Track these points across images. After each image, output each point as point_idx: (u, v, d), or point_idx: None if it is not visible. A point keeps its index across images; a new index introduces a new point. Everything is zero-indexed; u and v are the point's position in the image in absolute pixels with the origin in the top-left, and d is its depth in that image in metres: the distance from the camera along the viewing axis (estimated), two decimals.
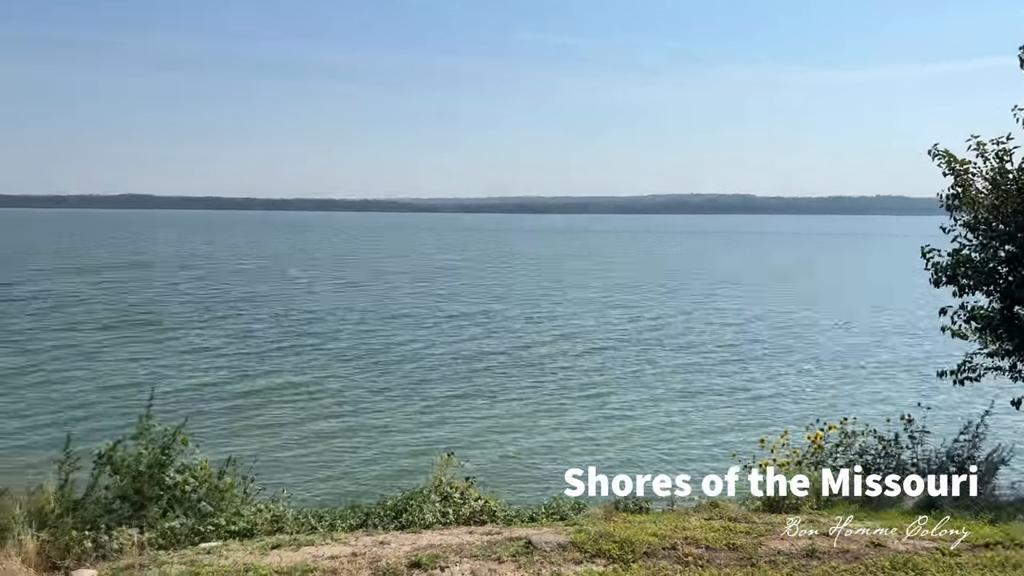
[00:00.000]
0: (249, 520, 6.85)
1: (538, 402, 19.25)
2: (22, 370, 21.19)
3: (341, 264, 65.37)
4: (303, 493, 11.19)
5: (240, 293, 41.56)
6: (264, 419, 17.25)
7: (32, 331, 27.57)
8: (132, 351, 24.42)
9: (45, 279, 47.07)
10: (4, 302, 35.66)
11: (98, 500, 6.97)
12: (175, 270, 56.52)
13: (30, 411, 17.38)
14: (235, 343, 26.00)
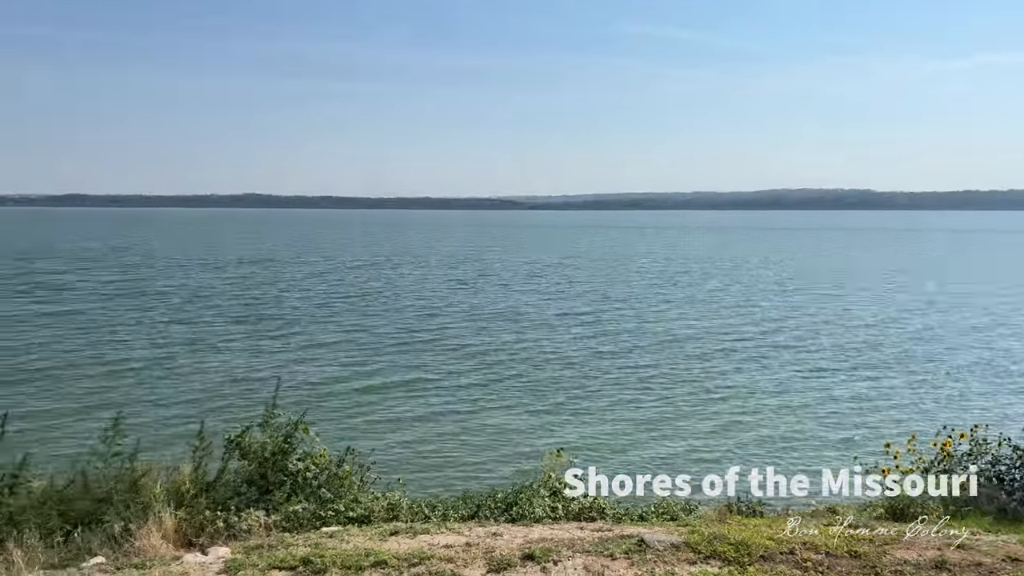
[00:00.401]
0: (366, 507, 7.09)
1: (652, 404, 18.98)
2: (160, 361, 22.65)
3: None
4: (415, 483, 11.48)
5: (357, 289, 42.85)
6: (379, 412, 17.75)
7: (169, 324, 29.39)
8: (258, 344, 25.60)
9: (183, 275, 50.10)
10: (147, 296, 38.25)
11: (228, 483, 7.38)
12: (297, 266, 58.97)
13: (167, 399, 18.54)
14: (353, 338, 26.79)
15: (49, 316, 30.94)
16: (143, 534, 6.29)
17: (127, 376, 20.71)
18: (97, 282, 44.62)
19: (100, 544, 6.27)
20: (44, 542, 6.03)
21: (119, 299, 36.82)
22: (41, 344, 24.82)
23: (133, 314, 31.85)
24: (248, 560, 5.28)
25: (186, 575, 5.12)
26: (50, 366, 21.58)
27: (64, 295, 38.22)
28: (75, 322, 29.54)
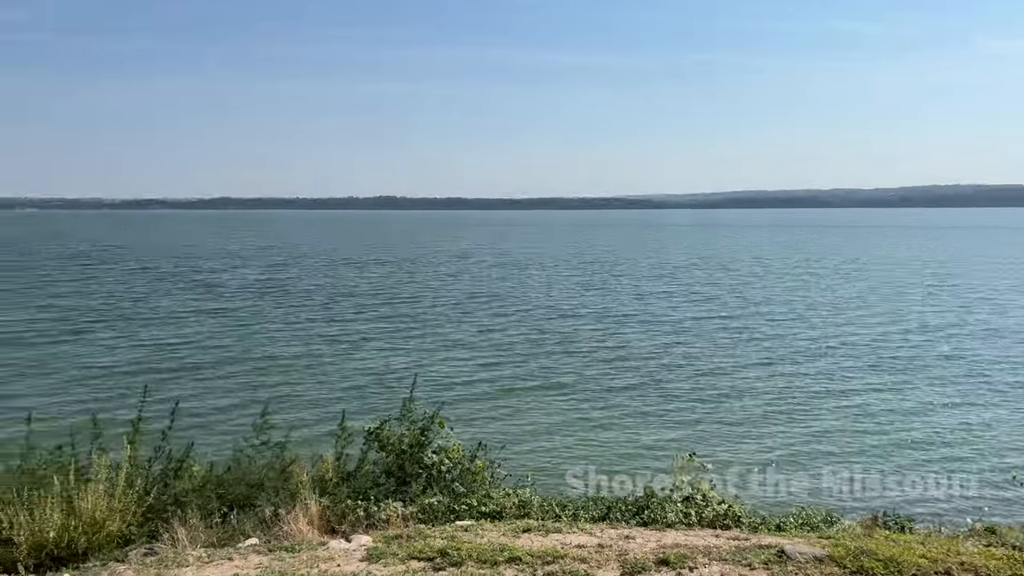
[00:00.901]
0: (498, 503, 7.20)
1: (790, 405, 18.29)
2: (306, 356, 23.91)
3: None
4: (543, 482, 11.55)
5: (492, 289, 43.53)
6: (509, 410, 17.97)
7: (311, 321, 30.96)
8: (396, 342, 26.52)
9: (321, 274, 52.65)
10: (289, 295, 40.46)
11: (368, 473, 7.69)
12: (434, 266, 60.65)
13: (312, 392, 19.57)
14: (486, 338, 27.21)
15: (205, 313, 33.23)
16: (291, 519, 6.64)
17: (276, 370, 21.94)
18: (247, 280, 47.52)
19: (253, 527, 6.69)
20: (204, 522, 6.50)
21: (267, 297, 39.07)
22: (200, 339, 26.68)
23: (280, 311, 33.68)
24: (388, 549, 5.47)
25: (332, 560, 5.37)
26: (208, 360, 23.20)
27: (219, 292, 40.99)
28: (231, 318, 31.63)
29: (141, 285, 44.76)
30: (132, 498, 6.51)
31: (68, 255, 71.99)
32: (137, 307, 34.93)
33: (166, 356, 23.75)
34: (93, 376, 20.92)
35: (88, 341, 26.19)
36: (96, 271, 54.76)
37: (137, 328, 28.83)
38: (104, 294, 40.30)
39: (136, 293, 40.63)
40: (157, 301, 37.16)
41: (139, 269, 56.41)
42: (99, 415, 7.81)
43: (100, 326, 29.24)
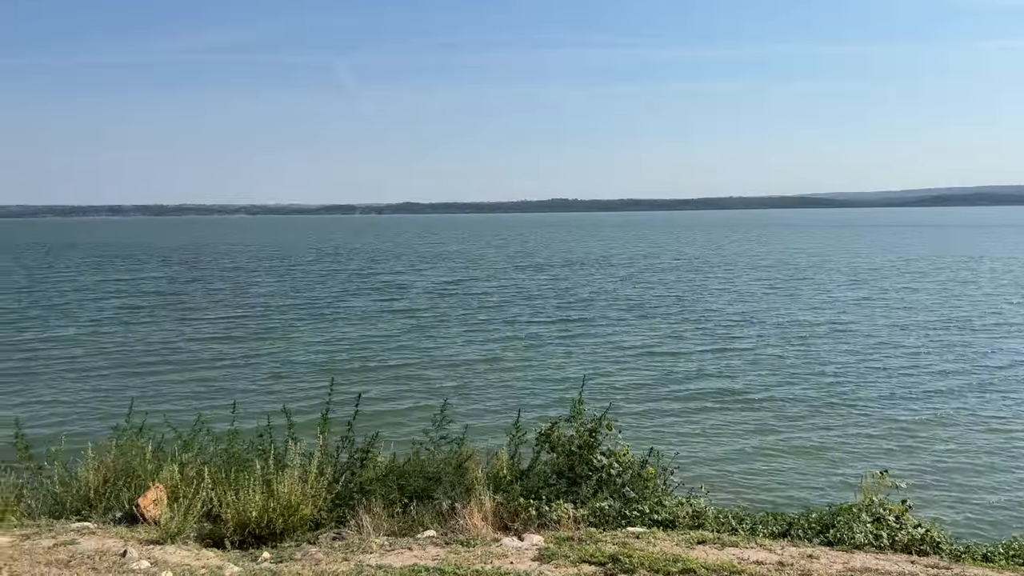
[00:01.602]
0: (671, 511, 7.04)
1: None
2: (482, 356, 24.63)
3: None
4: (718, 493, 11.18)
5: (667, 291, 42.76)
6: (681, 417, 17.55)
7: (488, 322, 31.81)
8: (569, 344, 26.67)
9: (500, 277, 54.05)
10: (469, 296, 41.87)
11: (540, 473, 7.77)
12: (610, 268, 60.47)
13: (487, 391, 20.14)
14: (662, 343, 26.72)
15: (392, 312, 35.06)
16: (466, 513, 6.84)
17: (454, 369, 22.72)
18: (430, 282, 49.63)
19: (431, 518, 6.95)
20: (387, 511, 6.83)
21: (449, 298, 40.54)
22: (385, 338, 28.18)
23: (460, 312, 34.84)
24: (560, 551, 5.50)
25: (505, 557, 5.48)
26: (391, 358, 24.44)
27: (405, 293, 43.11)
28: (415, 318, 33.05)
29: (336, 285, 47.93)
30: (322, 485, 6.96)
31: (276, 257, 78.59)
32: (332, 306, 37.38)
33: (354, 353, 25.23)
34: (289, 371, 22.66)
35: (287, 338, 28.34)
36: (296, 271, 59.38)
37: (330, 326, 30.86)
38: (305, 293, 43.59)
39: (331, 293, 43.58)
40: (351, 300, 39.62)
41: (335, 270, 60.47)
42: (292, 406, 8.41)
43: (301, 324, 31.57)
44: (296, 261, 72.79)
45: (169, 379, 21.65)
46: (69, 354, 25.13)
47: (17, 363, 23.79)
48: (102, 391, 20.16)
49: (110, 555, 5.68)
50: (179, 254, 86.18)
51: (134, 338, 28.22)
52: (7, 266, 68.93)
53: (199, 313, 35.15)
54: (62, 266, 68.37)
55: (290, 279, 52.88)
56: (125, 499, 7.34)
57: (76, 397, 19.56)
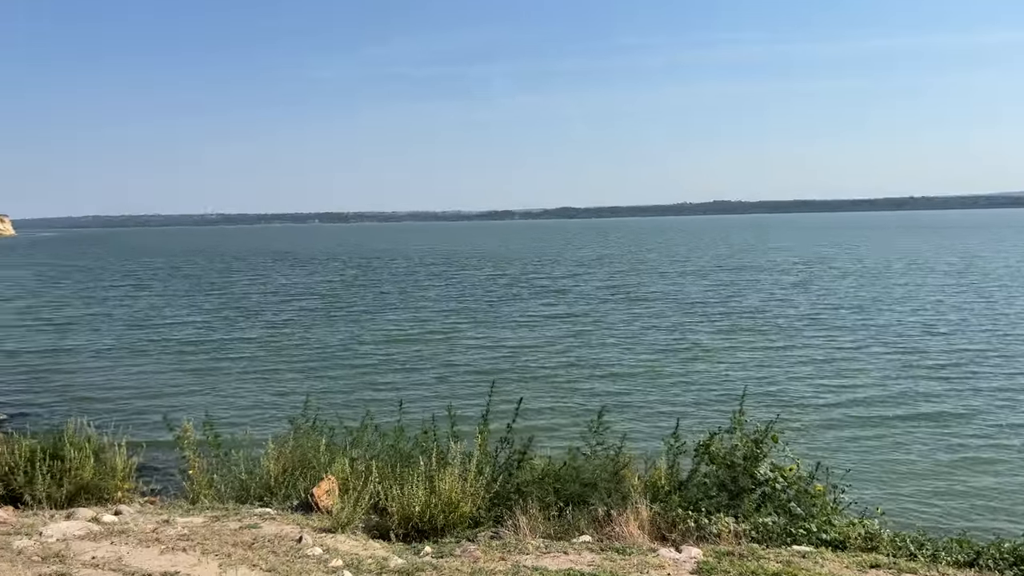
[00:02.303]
0: (841, 531, 6.64)
1: None
2: (640, 362, 24.31)
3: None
4: (894, 514, 10.41)
5: (845, 297, 40.31)
6: (852, 431, 16.51)
7: (649, 329, 31.27)
8: (735, 351, 25.75)
9: (662, 282, 53.19)
10: (630, 302, 41.58)
11: (699, 484, 7.56)
12: (778, 273, 57.74)
13: (645, 398, 19.87)
14: (837, 353, 25.21)
15: (551, 318, 35.33)
16: (622, 521, 6.78)
17: (613, 375, 22.61)
18: (588, 288, 49.52)
19: (586, 524, 6.95)
20: (543, 514, 6.90)
21: (610, 303, 40.29)
22: (545, 342, 28.41)
23: (621, 318, 34.50)
24: (719, 565, 5.33)
25: (661, 568, 5.38)
26: (551, 362, 24.64)
27: (564, 298, 43.31)
28: (576, 323, 33.04)
29: (498, 290, 48.95)
30: (481, 484, 7.13)
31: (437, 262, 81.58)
32: (494, 310, 38.22)
33: (513, 358, 25.64)
34: (450, 373, 23.40)
35: (449, 341, 29.27)
36: (458, 276, 61.27)
37: (490, 331, 31.54)
38: (467, 298, 44.90)
39: (492, 297, 44.58)
40: (511, 305, 40.31)
41: (495, 275, 61.83)
42: (453, 407, 8.66)
43: (463, 328, 32.52)
44: (460, 265, 75.04)
45: (340, 378, 22.98)
46: (252, 353, 27.22)
47: (208, 360, 26.09)
48: (281, 387, 21.71)
49: (288, 540, 6.09)
50: (353, 260, 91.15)
51: (310, 339, 30.15)
52: (199, 271, 75.63)
53: (368, 316, 37.05)
54: (250, 270, 74.29)
55: (453, 284, 54.48)
56: (301, 488, 7.86)
57: (258, 392, 21.20)
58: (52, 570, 5.28)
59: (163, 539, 6.01)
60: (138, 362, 26.02)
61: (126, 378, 23.44)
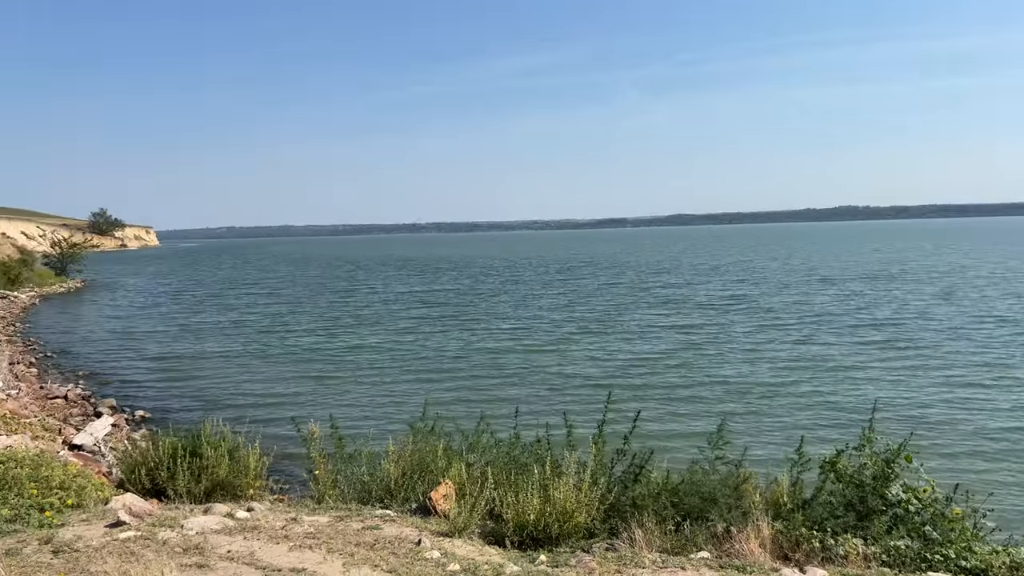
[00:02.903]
0: (983, 559, 6.22)
1: None
2: (762, 376, 23.47)
3: None
4: None
5: (982, 312, 36.90)
6: (998, 453, 15.40)
7: (772, 341, 29.95)
8: (865, 368, 24.42)
9: (788, 292, 51.31)
10: (752, 312, 40.41)
11: (824, 503, 7.25)
12: (913, 283, 54.30)
13: (767, 412, 19.15)
14: (978, 371, 23.29)
15: (666, 328, 34.68)
16: (742, 538, 6.59)
17: (734, 388, 21.93)
18: (706, 297, 48.31)
19: (704, 539, 6.79)
20: (659, 528, 6.79)
21: (730, 314, 38.89)
22: (662, 354, 27.84)
23: (741, 329, 33.32)
24: None
25: None
26: (668, 374, 24.17)
27: (680, 308, 42.37)
28: (694, 334, 32.09)
29: (612, 299, 48.47)
30: (596, 495, 7.09)
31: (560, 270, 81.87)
32: (609, 320, 37.90)
33: (628, 368, 25.35)
34: (563, 383, 23.40)
35: (561, 351, 29.27)
36: (572, 285, 61.23)
37: (604, 340, 31.33)
38: (580, 306, 44.83)
39: (607, 306, 44.22)
40: (626, 315, 39.73)
41: (609, 284, 61.44)
42: (568, 415, 8.67)
43: (577, 337, 32.46)
44: (574, 274, 74.96)
45: (455, 385, 23.39)
46: (371, 360, 28.11)
47: (329, 366, 27.15)
48: (397, 393, 22.33)
49: (407, 542, 6.26)
50: (469, 268, 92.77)
51: (426, 346, 30.88)
52: (322, 279, 78.83)
53: (483, 324, 37.56)
54: (370, 277, 76.86)
55: (567, 293, 54.40)
56: (419, 492, 8.05)
57: (376, 397, 21.89)
58: (192, 561, 5.63)
59: (291, 536, 6.30)
60: (264, 367, 27.39)
61: (252, 382, 24.72)
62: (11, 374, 25.26)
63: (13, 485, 6.85)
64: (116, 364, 29.07)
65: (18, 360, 28.40)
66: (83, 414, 20.14)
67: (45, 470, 7.34)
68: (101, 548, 5.73)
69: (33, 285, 61.95)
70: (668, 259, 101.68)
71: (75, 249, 76.99)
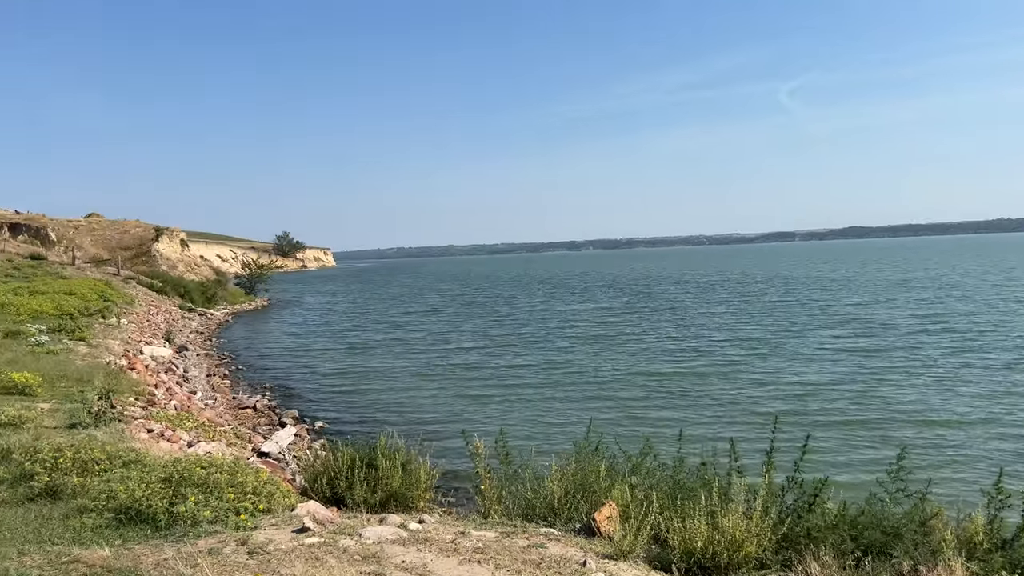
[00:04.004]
0: None
1: None
2: (956, 404, 21.56)
3: None
4: None
5: None
6: None
7: (970, 367, 27.43)
8: None
9: (993, 309, 47.06)
10: (946, 334, 37.40)
11: None
12: None
13: (958, 441, 17.67)
14: None
15: (845, 351, 32.69)
16: None
17: (915, 416, 20.42)
18: (893, 317, 44.67)
19: None
20: (837, 562, 6.41)
21: (918, 335, 35.83)
22: (838, 379, 26.21)
23: (931, 352, 30.63)
24: None
25: None
26: (840, 401, 22.73)
27: (863, 329, 39.53)
28: (873, 358, 29.84)
29: (783, 318, 46.21)
30: (767, 524, 6.81)
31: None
32: (780, 341, 36.07)
33: (802, 394, 23.99)
34: (728, 406, 22.64)
35: (726, 374, 28.33)
36: (739, 302, 59.22)
37: (774, 363, 29.90)
38: (748, 327, 43.31)
39: (777, 326, 42.29)
40: (799, 336, 37.46)
41: (779, 301, 58.85)
42: (727, 441, 8.38)
43: (747, 358, 31.32)
44: (739, 292, 72.35)
45: (616, 405, 23.24)
46: (533, 378, 28.49)
47: (492, 383, 27.79)
48: (558, 412, 22.48)
49: (572, 563, 6.28)
50: (628, 285, 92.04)
51: (587, 366, 30.88)
52: (481, 299, 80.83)
53: (644, 344, 37.08)
54: (528, 296, 78.05)
55: (732, 311, 52.54)
56: (583, 511, 8.07)
57: (538, 416, 22.13)
58: (370, 569, 5.93)
59: (460, 550, 6.49)
60: (427, 383, 28.43)
61: (416, 398, 25.75)
62: (208, 385, 27.72)
63: (214, 489, 7.51)
64: (295, 377, 31.24)
65: (214, 372, 31.14)
66: (269, 423, 21.77)
67: (240, 476, 7.99)
68: (290, 552, 6.17)
69: (226, 303, 67.75)
70: (846, 274, 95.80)
71: (262, 270, 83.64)
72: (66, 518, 7.30)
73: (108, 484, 7.86)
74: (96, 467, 8.65)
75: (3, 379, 15.00)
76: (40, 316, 28.95)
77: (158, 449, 11.22)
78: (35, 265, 56.16)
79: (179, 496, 7.31)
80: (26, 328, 24.45)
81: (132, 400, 16.49)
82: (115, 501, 7.38)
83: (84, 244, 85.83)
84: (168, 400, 19.57)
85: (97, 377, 17.23)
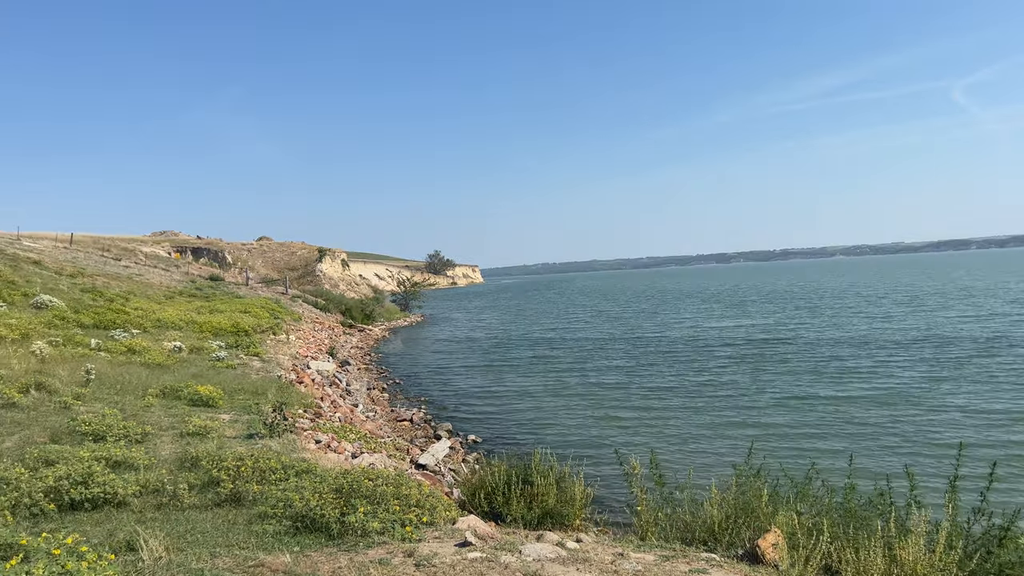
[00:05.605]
0: None
1: None
2: None
3: None
4: None
5: None
6: None
7: None
8: None
9: None
10: None
11: None
12: None
13: None
14: None
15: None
16: None
17: None
18: None
19: None
20: None
21: None
22: None
23: None
24: None
25: None
26: None
27: None
28: None
29: (972, 335, 42.76)
30: (952, 559, 6.32)
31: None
32: (967, 363, 33.34)
33: (986, 420, 22.01)
34: (909, 435, 21.11)
35: (909, 400, 26.49)
36: (919, 320, 55.33)
37: (963, 387, 27.58)
38: (935, 345, 40.41)
39: (964, 345, 39.16)
40: (992, 357, 34.27)
41: (970, 317, 54.58)
42: (913, 468, 7.85)
43: (926, 382, 29.23)
44: (914, 305, 67.31)
45: (773, 430, 22.19)
46: (680, 400, 27.69)
47: (638, 404, 27.29)
48: (709, 435, 21.71)
49: None
50: (783, 299, 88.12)
51: (741, 387, 29.64)
52: (625, 315, 79.91)
53: (805, 364, 35.25)
54: (676, 312, 76.41)
55: (908, 327, 48.81)
56: (746, 537, 7.80)
57: (687, 438, 21.49)
58: None
59: (620, 572, 6.44)
60: (572, 401, 28.28)
61: (561, 416, 25.66)
62: (368, 398, 29.05)
63: (381, 501, 7.86)
64: (447, 391, 32.11)
65: (373, 386, 32.60)
66: (425, 436, 22.50)
67: (404, 488, 8.31)
68: (454, 565, 6.35)
69: (383, 319, 70.89)
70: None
71: (415, 287, 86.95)
72: (249, 524, 7.86)
73: (284, 493, 8.40)
74: (272, 476, 9.27)
75: (190, 392, 16.38)
76: (219, 333, 31.43)
77: (326, 460, 11.87)
78: (214, 285, 61.19)
79: (349, 507, 7.69)
80: (208, 344, 26.62)
81: (301, 412, 17.55)
82: (291, 509, 7.88)
83: (256, 265, 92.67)
84: (333, 412, 20.67)
85: (270, 390, 18.50)
